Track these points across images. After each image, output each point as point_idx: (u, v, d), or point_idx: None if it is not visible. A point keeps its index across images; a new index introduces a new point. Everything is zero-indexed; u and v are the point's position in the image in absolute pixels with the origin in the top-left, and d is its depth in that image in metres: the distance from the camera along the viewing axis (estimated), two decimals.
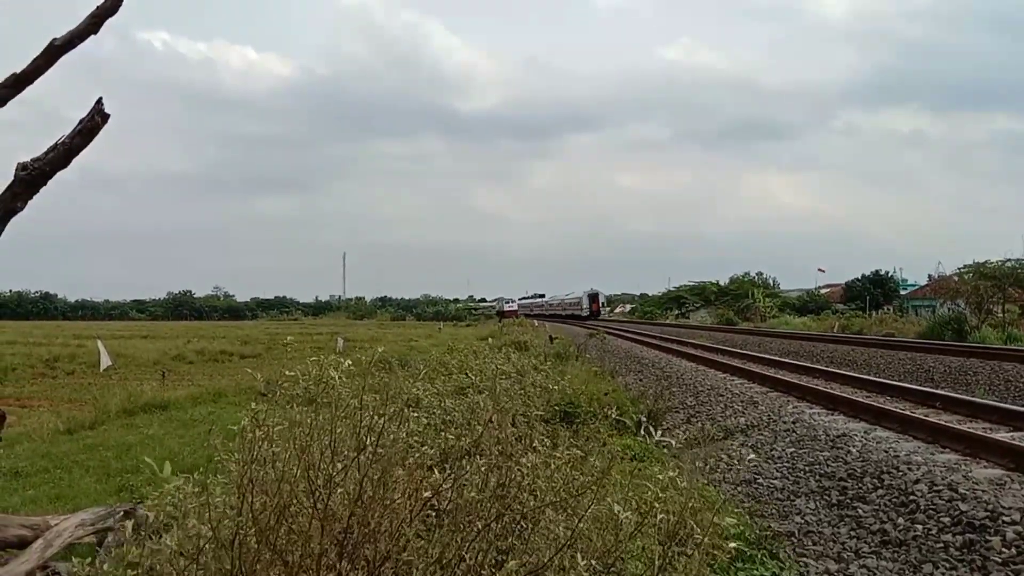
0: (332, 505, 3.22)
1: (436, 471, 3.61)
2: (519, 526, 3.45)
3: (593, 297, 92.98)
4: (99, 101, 5.05)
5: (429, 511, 3.69)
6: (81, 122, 5.05)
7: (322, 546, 3.15)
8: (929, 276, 67.52)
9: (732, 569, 5.98)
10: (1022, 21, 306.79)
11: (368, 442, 3.38)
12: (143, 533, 3.46)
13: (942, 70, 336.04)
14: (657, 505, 3.07)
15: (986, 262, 36.83)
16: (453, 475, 3.71)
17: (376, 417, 3.44)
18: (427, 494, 3.37)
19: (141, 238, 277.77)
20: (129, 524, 3.39)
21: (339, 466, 3.32)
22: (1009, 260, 36.51)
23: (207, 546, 3.13)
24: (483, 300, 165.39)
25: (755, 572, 6.00)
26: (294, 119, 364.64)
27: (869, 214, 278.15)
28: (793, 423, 11.33)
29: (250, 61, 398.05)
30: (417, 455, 3.73)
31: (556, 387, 10.52)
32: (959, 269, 40.69)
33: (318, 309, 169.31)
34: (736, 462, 9.73)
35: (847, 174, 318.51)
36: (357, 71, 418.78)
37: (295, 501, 3.25)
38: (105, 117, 5.09)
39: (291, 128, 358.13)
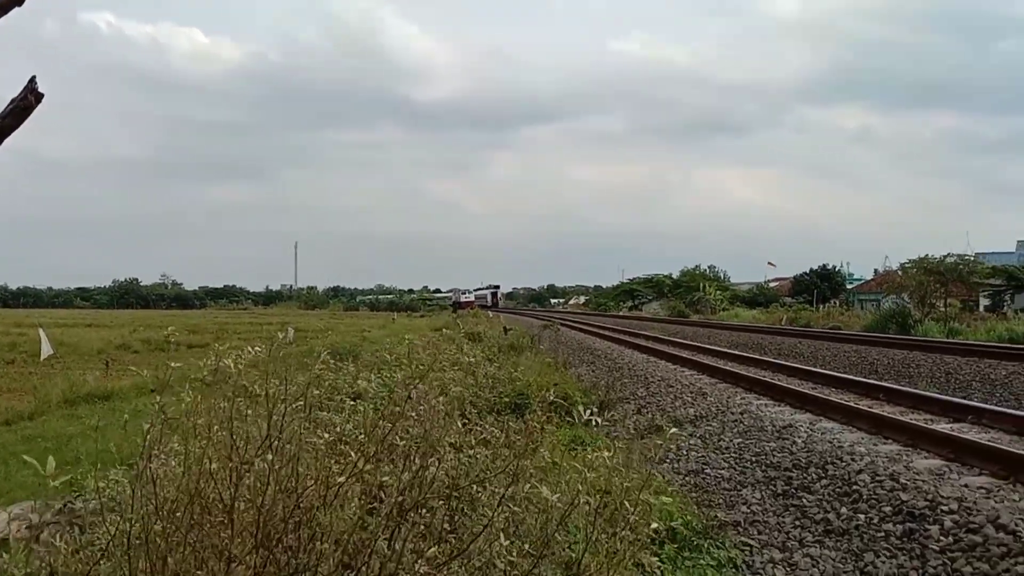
0: (239, 496, 3.17)
1: (354, 454, 3.53)
2: (452, 510, 3.42)
3: (494, 293, 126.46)
4: (32, 79, 4.83)
5: (373, 502, 3.63)
6: (13, 101, 4.84)
7: (234, 538, 3.09)
8: (875, 271, 69.23)
9: (679, 559, 6.03)
10: (970, 22, 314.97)
11: (271, 430, 3.34)
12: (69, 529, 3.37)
13: (891, 69, 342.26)
14: (580, 487, 3.05)
15: (927, 256, 37.79)
16: (374, 459, 3.65)
17: (278, 404, 3.40)
18: (340, 479, 3.31)
19: (86, 224, 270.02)
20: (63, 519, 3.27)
21: (243, 455, 3.27)
22: (951, 255, 37.50)
23: (114, 543, 3.07)
24: (437, 291, 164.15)
25: (701, 561, 6.06)
26: (246, 105, 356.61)
27: (819, 209, 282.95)
28: (741, 414, 11.46)
29: (199, 44, 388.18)
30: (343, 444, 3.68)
31: (507, 377, 10.50)
32: (903, 264, 41.72)
33: (269, 299, 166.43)
34: (684, 452, 9.84)
35: (799, 170, 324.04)
36: (311, 57, 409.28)
37: (200, 495, 3.19)
38: (39, 96, 4.88)
39: (243, 114, 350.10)
